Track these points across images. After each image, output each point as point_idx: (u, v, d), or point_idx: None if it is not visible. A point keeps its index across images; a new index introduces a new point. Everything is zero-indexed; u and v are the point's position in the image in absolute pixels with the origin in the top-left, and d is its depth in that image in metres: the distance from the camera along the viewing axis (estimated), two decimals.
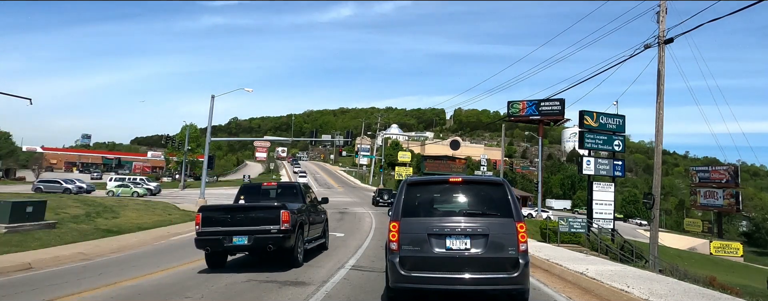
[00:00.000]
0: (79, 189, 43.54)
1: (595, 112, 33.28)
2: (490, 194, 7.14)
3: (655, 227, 20.18)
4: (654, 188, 19.54)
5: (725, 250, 55.75)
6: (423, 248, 6.60)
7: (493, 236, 6.55)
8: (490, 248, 6.52)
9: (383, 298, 7.57)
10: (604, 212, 31.52)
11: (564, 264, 10.59)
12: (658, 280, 9.08)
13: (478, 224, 6.68)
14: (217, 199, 44.99)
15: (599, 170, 32.93)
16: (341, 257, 12.29)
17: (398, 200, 7.04)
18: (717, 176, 67.80)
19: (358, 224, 24.71)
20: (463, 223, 6.68)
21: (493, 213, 6.87)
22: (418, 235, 6.66)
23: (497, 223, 6.69)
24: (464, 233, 6.60)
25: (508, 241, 6.54)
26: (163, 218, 23.09)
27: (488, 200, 7.09)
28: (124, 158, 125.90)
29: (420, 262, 6.59)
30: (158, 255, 13.02)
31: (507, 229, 6.60)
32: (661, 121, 19.74)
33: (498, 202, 6.93)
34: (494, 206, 6.93)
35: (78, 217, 19.10)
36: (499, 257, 6.50)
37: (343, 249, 14.22)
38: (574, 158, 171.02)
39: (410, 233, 6.70)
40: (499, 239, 6.55)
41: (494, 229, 6.61)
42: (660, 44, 19.57)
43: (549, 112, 77.48)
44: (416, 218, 6.85)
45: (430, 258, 6.57)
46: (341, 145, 39.63)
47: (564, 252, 14.03)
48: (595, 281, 8.57)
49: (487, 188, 7.33)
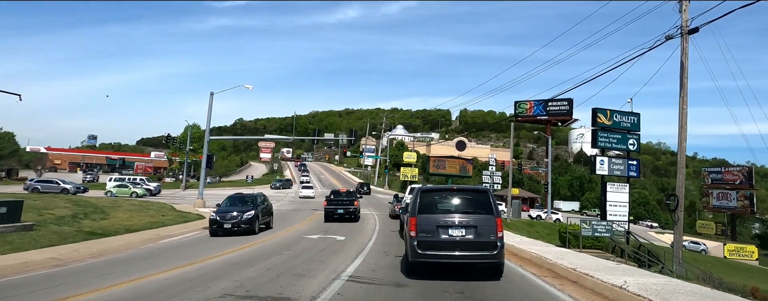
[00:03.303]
0: (77, 189, 42.58)
1: (609, 110, 31.86)
2: (478, 198, 10.04)
3: (680, 229, 18.84)
4: (678, 188, 18.25)
5: (740, 253, 54.17)
6: (433, 235, 9.35)
7: (480, 227, 9.36)
8: (478, 235, 9.31)
9: (403, 269, 10.43)
10: (619, 214, 30.03)
11: (596, 275, 9.23)
12: (718, 298, 7.69)
13: (470, 219, 9.49)
14: (217, 199, 43.99)
15: (613, 171, 31.50)
16: (338, 265, 11.09)
17: (414, 202, 10.01)
18: (730, 177, 66.19)
19: (360, 226, 23.54)
20: (460, 218, 9.53)
21: (480, 211, 9.64)
22: (429, 226, 9.42)
23: (483, 218, 9.47)
24: (461, 225, 9.42)
25: (490, 231, 9.33)
26: (156, 219, 22.00)
27: (476, 202, 9.91)
28: (128, 158, 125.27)
29: (431, 245, 9.33)
30: (138, 261, 11.86)
31: (489, 222, 9.41)
32: (685, 117, 18.45)
33: (483, 204, 9.80)
34: (480, 207, 9.75)
35: (63, 218, 18.03)
36: (484, 241, 9.28)
37: (342, 255, 13.02)
38: (581, 158, 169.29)
39: (424, 225, 9.45)
40: (484, 229, 9.34)
41: (481, 222, 9.41)
42: (683, 35, 18.27)
43: (557, 112, 75.95)
44: (427, 215, 9.62)
45: (438, 242, 9.33)
46: (345, 144, 38.41)
47: (589, 259, 12.62)
48: (641, 299, 7.29)
49: (476, 194, 10.28)
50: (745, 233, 78.36)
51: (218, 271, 10.10)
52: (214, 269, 10.29)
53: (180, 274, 9.68)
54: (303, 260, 11.76)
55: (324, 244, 15.60)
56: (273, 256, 12.52)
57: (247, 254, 12.95)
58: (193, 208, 31.35)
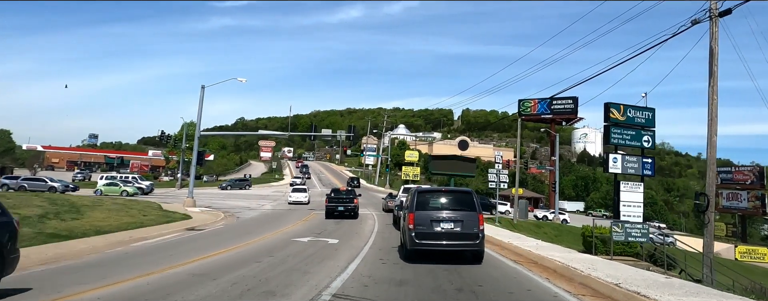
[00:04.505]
0: (66, 188, 40.98)
1: (622, 105, 29.93)
2: (463, 198, 12.06)
3: (711, 232, 17.08)
4: (708, 187, 16.56)
5: (752, 255, 52.32)
6: (427, 228, 11.34)
7: (465, 221, 11.39)
8: (464, 228, 11.36)
9: (401, 255, 12.29)
10: (633, 215, 28.21)
11: (652, 295, 7.31)
12: None
13: (457, 214, 11.50)
14: (210, 198, 42.35)
15: (627, 169, 29.60)
16: (322, 278, 9.34)
17: (412, 200, 12.02)
18: (741, 176, 64.55)
19: (358, 227, 21.86)
20: (449, 214, 11.55)
21: (465, 209, 11.63)
22: (424, 220, 11.40)
23: (467, 214, 11.51)
24: (450, 219, 11.44)
25: (474, 224, 11.38)
26: (136, 219, 20.34)
27: (462, 201, 11.90)
28: (127, 157, 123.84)
29: (426, 235, 11.32)
30: (90, 269, 10.17)
31: (473, 218, 11.44)
32: (715, 109, 16.75)
33: (467, 202, 11.84)
34: (465, 205, 11.75)
35: (28, 218, 16.36)
36: (469, 232, 11.35)
37: (330, 263, 11.32)
38: (584, 158, 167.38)
39: (420, 219, 11.40)
40: (468, 223, 11.39)
41: (466, 217, 11.43)
42: (712, 18, 16.53)
43: (561, 110, 74.05)
44: (423, 211, 11.58)
45: (431, 233, 11.34)
46: (343, 140, 36.78)
47: (628, 271, 10.56)
48: None
49: (462, 195, 12.33)
50: (755, 235, 76.57)
51: (172, 286, 8.32)
52: (169, 283, 8.52)
53: (124, 289, 7.97)
54: (282, 271, 10.05)
55: (313, 248, 13.91)
56: (249, 264, 10.82)
57: (220, 262, 11.27)
58: (182, 207, 29.71)
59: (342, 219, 26.23)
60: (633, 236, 18.80)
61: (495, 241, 17.48)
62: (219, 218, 24.53)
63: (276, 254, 12.65)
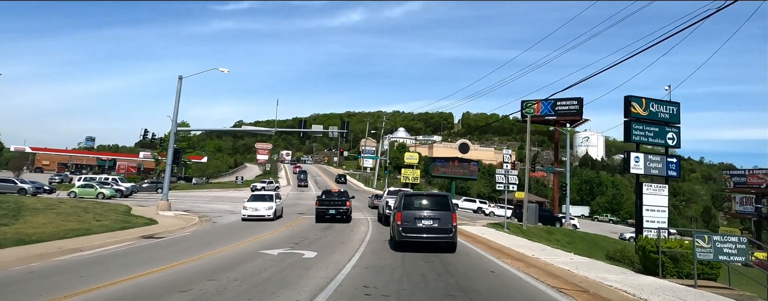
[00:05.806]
0: (37, 190, 38.06)
1: (644, 99, 26.95)
2: (441, 200, 15.16)
3: None
4: None
5: None
6: (412, 223, 14.25)
7: (442, 219, 14.30)
8: (441, 224, 14.26)
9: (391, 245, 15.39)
10: (658, 220, 25.15)
11: None
12: None
13: (436, 213, 14.40)
14: (190, 202, 39.44)
15: (650, 169, 26.61)
16: None
17: (400, 202, 15.14)
18: (755, 180, 61.69)
19: (347, 234, 18.88)
20: (429, 213, 14.44)
21: (442, 209, 14.56)
22: (410, 218, 14.31)
23: (443, 213, 14.40)
24: (430, 217, 14.33)
25: (448, 221, 14.28)
26: (84, 225, 17.41)
27: (439, 203, 14.94)
28: (120, 159, 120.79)
29: (410, 229, 14.21)
30: None
31: (448, 216, 14.36)
32: None
33: (444, 204, 14.82)
34: (442, 206, 14.69)
35: None
36: (444, 227, 14.24)
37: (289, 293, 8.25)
38: (587, 162, 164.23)
39: (406, 217, 14.32)
40: (444, 220, 14.29)
41: (442, 216, 14.34)
42: None
43: (566, 111, 71.03)
44: (408, 211, 14.49)
45: (415, 228, 14.22)
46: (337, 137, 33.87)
47: None
48: None
49: (439, 198, 15.52)
50: (766, 240, 73.50)
51: None
52: None
53: None
54: None
55: (279, 266, 10.87)
56: (175, 293, 7.81)
57: (146, 286, 8.32)
58: (154, 211, 26.77)
59: (333, 223, 24.10)
60: (725, 253, 12.76)
61: (515, 255, 14.19)
62: (190, 224, 21.58)
63: (225, 274, 9.62)
